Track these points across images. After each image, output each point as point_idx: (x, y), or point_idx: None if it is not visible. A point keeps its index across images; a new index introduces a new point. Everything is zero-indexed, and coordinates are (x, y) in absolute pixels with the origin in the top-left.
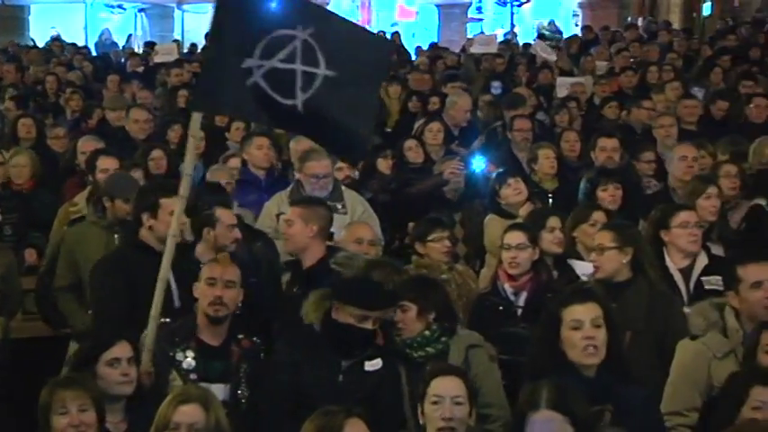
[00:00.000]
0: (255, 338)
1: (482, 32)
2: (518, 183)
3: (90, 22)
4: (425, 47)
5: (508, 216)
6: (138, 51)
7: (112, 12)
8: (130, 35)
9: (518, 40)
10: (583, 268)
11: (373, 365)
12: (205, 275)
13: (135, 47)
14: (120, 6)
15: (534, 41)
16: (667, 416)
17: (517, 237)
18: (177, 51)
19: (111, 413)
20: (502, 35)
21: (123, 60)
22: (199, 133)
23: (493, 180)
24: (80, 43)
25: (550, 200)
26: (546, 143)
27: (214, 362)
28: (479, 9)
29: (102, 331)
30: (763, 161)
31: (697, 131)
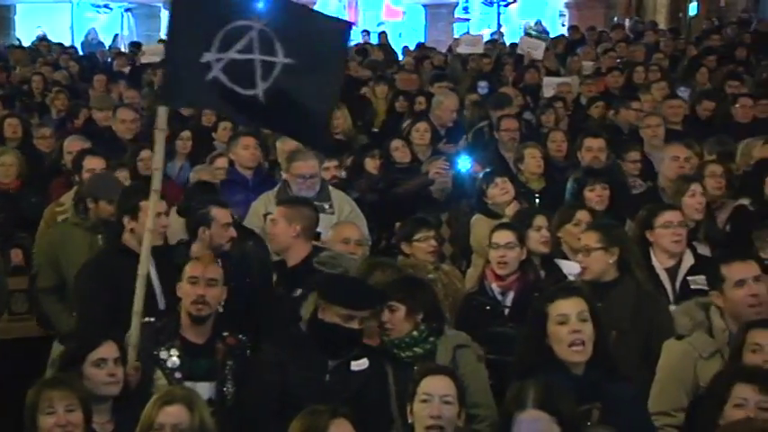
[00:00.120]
0: (241, 336)
1: (468, 32)
2: (505, 183)
3: (76, 22)
4: (412, 47)
5: (495, 216)
6: (125, 51)
7: (99, 11)
8: (117, 35)
9: (504, 41)
10: (569, 268)
11: (360, 365)
12: (187, 274)
13: (121, 47)
14: (106, 6)
15: (521, 40)
16: (654, 416)
17: (505, 236)
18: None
19: (97, 414)
20: (488, 35)
21: (109, 60)
22: (165, 126)
23: (480, 180)
24: (66, 43)
25: (537, 200)
26: (532, 143)
27: (199, 360)
28: (466, 9)
29: (88, 331)
30: (750, 162)
31: (683, 131)
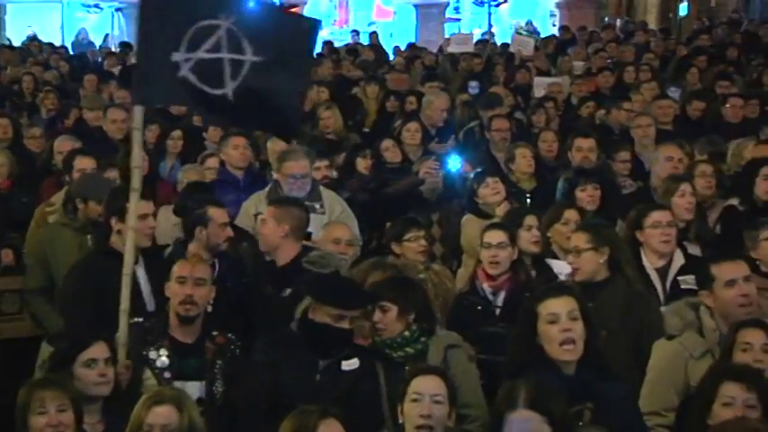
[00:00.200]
0: (230, 334)
1: (460, 32)
2: (496, 183)
3: (67, 22)
4: (403, 47)
5: (485, 216)
6: (115, 51)
7: (89, 11)
8: (107, 35)
9: (495, 40)
10: (560, 267)
11: (350, 365)
12: (175, 274)
13: (112, 46)
14: (96, 6)
15: (512, 37)
16: (645, 416)
17: (497, 236)
18: None
19: (88, 414)
20: (479, 35)
21: (100, 60)
22: (141, 126)
23: (471, 180)
24: (57, 43)
25: (528, 200)
26: (523, 143)
27: (188, 359)
28: (457, 9)
29: (78, 332)
30: (741, 163)
31: (674, 131)
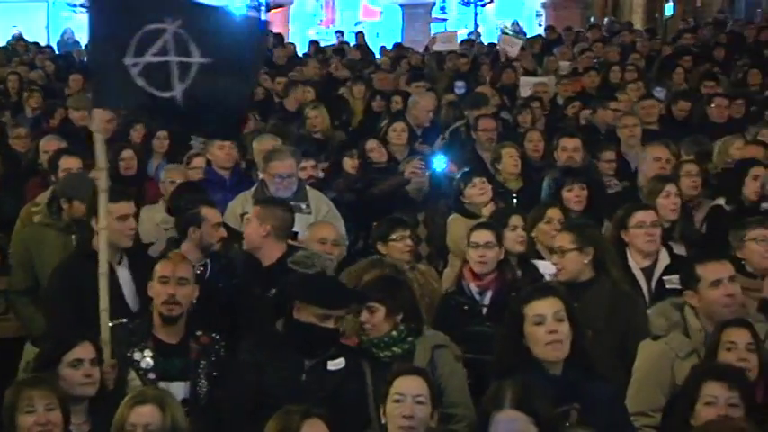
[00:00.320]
0: (214, 334)
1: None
2: (483, 183)
3: (52, 22)
4: (389, 47)
5: (472, 216)
6: None
7: (75, 11)
8: None
9: (482, 40)
10: (546, 268)
11: (336, 365)
12: (158, 274)
13: None
14: (82, 5)
15: (499, 38)
16: (632, 416)
17: (485, 235)
18: None
19: (74, 414)
20: (465, 35)
21: (86, 60)
22: (100, 128)
23: (458, 180)
24: (42, 42)
25: (515, 200)
26: (509, 143)
27: (173, 360)
28: (443, 9)
29: (64, 332)
30: (727, 160)
31: (660, 131)
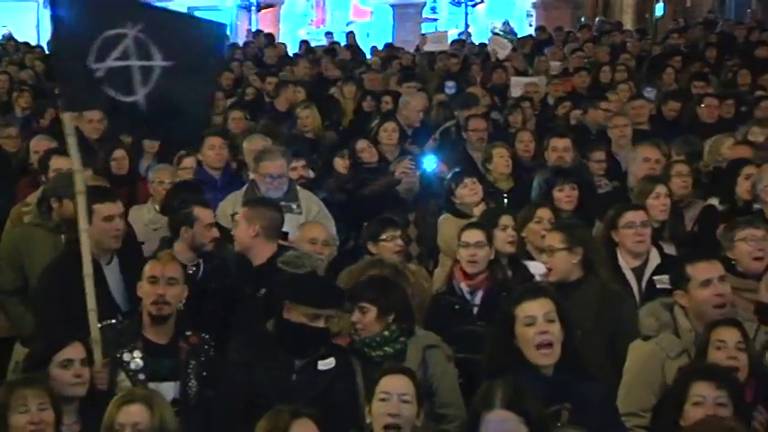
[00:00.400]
0: (204, 334)
1: (436, 31)
2: (474, 183)
3: (42, 21)
4: (380, 47)
5: (463, 216)
6: None
7: None
8: None
9: (473, 40)
10: (536, 268)
11: (326, 364)
12: (147, 274)
13: None
14: None
15: (490, 38)
16: (623, 417)
17: (475, 235)
18: None
19: (64, 415)
20: (456, 35)
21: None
22: (73, 132)
23: (449, 180)
24: (32, 42)
25: (505, 200)
26: (500, 143)
27: (162, 360)
28: (434, 9)
29: (54, 332)
30: (718, 160)
31: (650, 131)
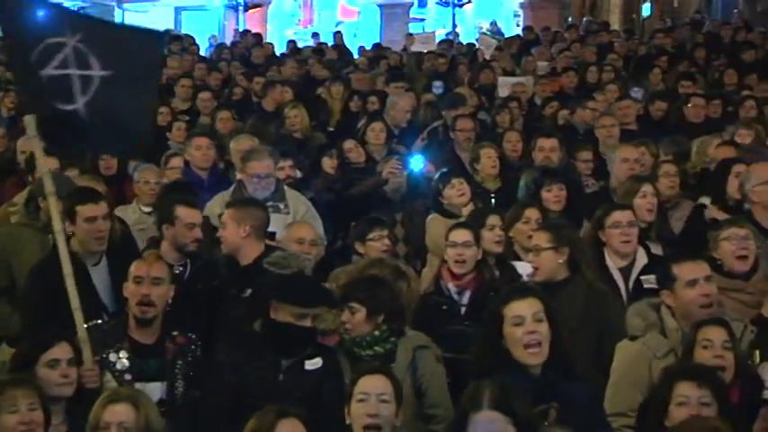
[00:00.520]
0: (191, 334)
1: (423, 31)
2: (462, 184)
3: None
4: (368, 47)
5: (451, 216)
6: None
7: None
8: None
9: (460, 41)
10: (524, 268)
11: (313, 364)
12: (132, 274)
13: None
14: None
15: (478, 37)
16: (611, 417)
17: (463, 234)
18: None
19: (51, 415)
20: (443, 35)
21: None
22: (36, 134)
23: (436, 180)
24: None
25: (493, 200)
26: (488, 143)
27: (149, 360)
28: (421, 3)
29: (41, 332)
30: (706, 160)
31: (638, 131)
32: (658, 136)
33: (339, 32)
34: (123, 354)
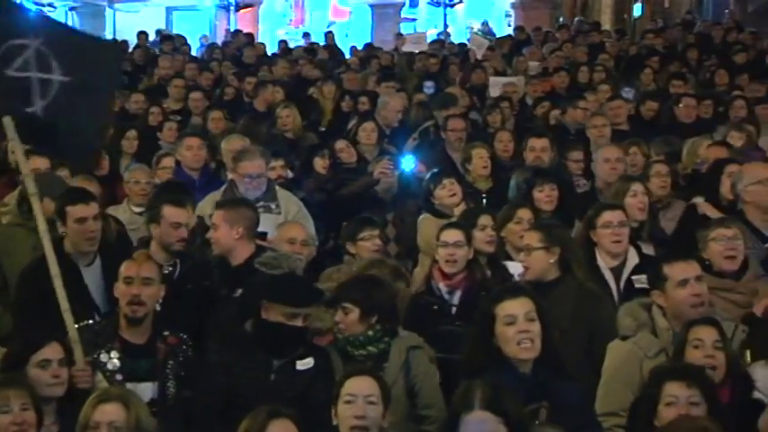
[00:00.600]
0: (182, 334)
1: (415, 31)
2: (453, 184)
3: None
4: (359, 47)
5: (442, 216)
6: None
7: (43, 10)
8: None
9: (452, 40)
10: (516, 268)
11: (305, 364)
12: (122, 275)
13: None
14: (50, 5)
15: (469, 38)
16: (602, 417)
17: (454, 234)
18: None
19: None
20: (435, 35)
21: None
22: (15, 135)
23: (428, 180)
24: None
25: (484, 200)
26: (479, 143)
27: (140, 361)
28: (413, 3)
29: (31, 333)
30: (697, 161)
31: (629, 131)
32: (649, 136)
33: (330, 32)
34: (114, 354)
